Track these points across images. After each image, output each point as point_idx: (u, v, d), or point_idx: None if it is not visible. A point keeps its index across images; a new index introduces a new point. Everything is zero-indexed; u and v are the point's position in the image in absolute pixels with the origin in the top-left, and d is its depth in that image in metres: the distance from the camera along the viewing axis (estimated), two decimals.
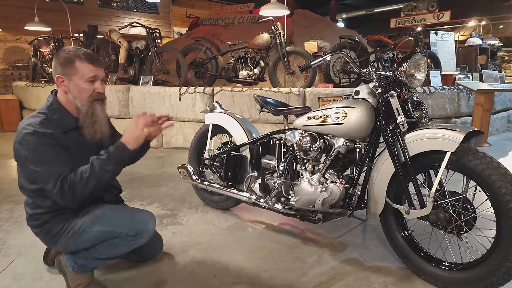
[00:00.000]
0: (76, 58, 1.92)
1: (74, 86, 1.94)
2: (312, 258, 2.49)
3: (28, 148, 1.82)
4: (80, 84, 1.93)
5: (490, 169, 1.88)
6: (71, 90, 1.95)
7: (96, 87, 1.98)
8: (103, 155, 1.87)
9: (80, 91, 1.95)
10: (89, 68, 1.93)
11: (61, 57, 1.93)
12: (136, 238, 2.01)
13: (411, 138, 2.13)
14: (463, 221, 2.03)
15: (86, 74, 1.93)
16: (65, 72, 1.92)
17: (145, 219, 2.09)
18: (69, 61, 1.91)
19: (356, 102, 2.35)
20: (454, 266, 2.11)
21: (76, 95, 1.96)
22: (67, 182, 1.80)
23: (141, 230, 2.02)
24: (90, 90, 1.96)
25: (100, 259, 2.09)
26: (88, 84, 1.95)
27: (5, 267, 2.38)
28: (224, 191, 3.03)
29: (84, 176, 1.82)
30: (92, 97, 1.98)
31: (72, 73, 1.92)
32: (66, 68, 1.92)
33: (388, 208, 2.28)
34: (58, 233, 1.99)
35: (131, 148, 1.90)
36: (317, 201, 2.46)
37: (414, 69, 2.24)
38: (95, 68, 1.96)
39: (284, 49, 5.85)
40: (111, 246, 2.02)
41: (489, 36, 11.41)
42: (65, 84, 1.94)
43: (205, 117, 3.34)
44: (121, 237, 1.99)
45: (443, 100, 6.22)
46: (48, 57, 8.55)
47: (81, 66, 1.92)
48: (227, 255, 2.55)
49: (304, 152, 2.56)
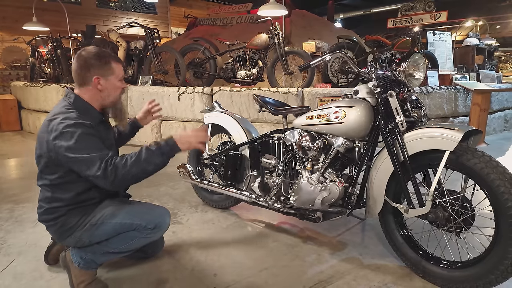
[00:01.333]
0: (111, 58, 2.09)
1: (111, 85, 2.11)
2: (311, 257, 2.51)
3: (72, 138, 1.88)
4: (115, 83, 2.13)
5: (488, 167, 1.90)
6: (107, 88, 2.11)
7: (123, 85, 2.22)
8: (153, 146, 1.96)
9: (116, 89, 2.15)
10: (120, 68, 2.15)
11: (95, 58, 2.05)
12: (153, 231, 2.10)
13: (410, 137, 2.14)
14: (461, 220, 2.04)
15: (120, 74, 2.15)
16: (102, 72, 2.07)
17: (163, 213, 2.19)
18: (105, 61, 2.07)
19: (355, 101, 2.37)
20: (453, 264, 2.12)
21: (111, 93, 2.13)
22: (111, 164, 1.87)
23: (159, 223, 2.12)
24: (121, 87, 2.18)
25: (110, 254, 2.11)
26: (120, 82, 2.17)
27: (6, 266, 2.38)
28: (223, 190, 3.05)
29: (129, 161, 1.89)
30: (121, 92, 2.22)
31: (108, 73, 2.09)
32: (103, 68, 2.07)
33: (387, 207, 2.30)
34: (73, 226, 2.03)
35: (181, 148, 2.02)
36: (317, 200, 2.47)
37: (413, 69, 2.26)
38: (121, 68, 2.18)
39: (283, 49, 5.86)
40: (126, 238, 2.07)
41: (486, 36, 11.45)
42: (101, 83, 2.08)
43: (205, 117, 3.35)
44: (139, 230, 2.06)
45: (440, 100, 6.25)
46: (46, 57, 8.54)
47: (115, 66, 2.11)
48: (227, 254, 2.57)
49: (303, 151, 2.57)
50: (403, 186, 2.19)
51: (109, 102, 2.15)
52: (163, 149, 1.96)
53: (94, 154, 1.88)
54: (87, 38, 8.04)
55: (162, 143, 1.98)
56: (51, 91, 7.25)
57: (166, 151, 1.97)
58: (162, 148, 1.96)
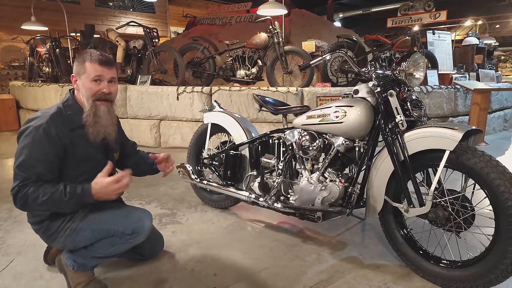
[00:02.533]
0: (87, 58, 2.01)
1: (82, 85, 2.02)
2: (311, 257, 2.50)
3: (22, 140, 1.91)
4: (86, 83, 2.01)
5: (488, 167, 1.89)
6: (80, 88, 2.04)
7: (101, 87, 2.02)
8: (69, 190, 1.87)
9: (86, 89, 2.01)
10: (94, 67, 2.00)
11: (77, 58, 2.05)
12: (132, 236, 2.03)
13: (410, 136, 2.14)
14: (461, 219, 2.04)
15: (91, 73, 2.00)
16: (77, 71, 2.03)
17: (141, 217, 2.11)
18: (81, 61, 2.02)
19: (355, 101, 2.36)
20: (453, 264, 2.12)
21: (83, 93, 2.03)
22: (21, 192, 1.84)
23: (137, 228, 2.04)
24: (94, 90, 2.01)
25: (99, 258, 2.09)
26: (93, 83, 2.01)
27: (5, 266, 2.38)
28: (223, 190, 3.04)
29: (40, 198, 1.83)
30: (96, 96, 2.02)
31: (81, 72, 2.02)
32: (78, 67, 2.03)
33: (387, 206, 2.30)
34: (56, 231, 2.01)
35: (96, 198, 1.90)
36: (317, 199, 2.47)
37: (413, 68, 2.26)
38: (101, 68, 2.01)
39: (282, 48, 5.86)
40: (109, 244, 2.03)
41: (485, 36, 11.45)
42: (78, 83, 2.05)
43: (204, 116, 3.34)
44: (118, 236, 2.01)
45: (440, 100, 6.25)
46: (44, 56, 8.53)
47: (88, 65, 2.00)
48: (227, 253, 2.56)
49: (303, 151, 2.57)
50: (403, 185, 2.18)
51: (86, 104, 2.02)
52: (77, 199, 1.87)
53: (20, 171, 1.86)
54: (86, 38, 8.03)
55: (78, 191, 1.87)
56: (49, 90, 7.24)
57: (78, 200, 1.88)
58: (76, 197, 1.87)
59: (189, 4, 18.09)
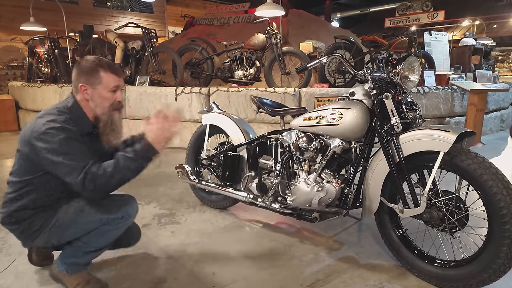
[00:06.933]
0: (100, 68, 1.99)
1: (98, 95, 2.01)
2: (308, 256, 2.54)
3: (54, 140, 1.84)
4: (103, 93, 2.01)
5: (481, 168, 1.93)
6: (94, 98, 2.01)
7: (117, 96, 2.06)
8: (129, 152, 1.90)
9: (103, 100, 2.02)
10: (112, 78, 2.01)
11: (85, 67, 2.00)
12: (123, 220, 2.04)
13: (405, 138, 2.18)
14: (455, 220, 2.08)
15: (110, 84, 2.01)
16: (89, 81, 1.99)
17: (127, 200, 2.12)
18: (94, 70, 1.98)
19: (352, 103, 2.40)
20: (447, 263, 2.16)
21: (98, 104, 2.02)
22: (89, 174, 1.82)
23: (126, 210, 2.05)
24: (111, 99, 2.04)
25: (91, 252, 2.08)
26: (111, 93, 2.03)
27: (7, 266, 2.41)
28: (222, 190, 3.07)
29: (107, 171, 1.85)
30: (113, 106, 2.06)
31: (96, 82, 1.99)
32: (91, 77, 1.99)
33: (383, 207, 2.34)
34: (39, 229, 1.97)
35: (158, 148, 1.94)
36: (314, 200, 2.51)
37: (408, 71, 2.29)
38: (118, 78, 2.05)
39: (280, 49, 5.89)
40: (99, 235, 2.02)
41: (482, 36, 11.51)
42: (88, 93, 2.01)
43: (203, 118, 3.38)
44: (109, 223, 2.00)
45: (437, 100, 6.29)
46: (43, 57, 8.54)
47: (105, 76, 1.99)
48: (225, 253, 2.60)
49: (300, 152, 2.61)
50: (398, 186, 2.22)
51: (99, 114, 2.04)
52: (142, 154, 1.91)
53: (74, 162, 1.83)
54: (84, 38, 8.04)
55: (137, 149, 1.91)
56: (48, 91, 7.26)
57: (145, 155, 1.91)
58: (141, 153, 1.90)
59: (187, 4, 18.13)
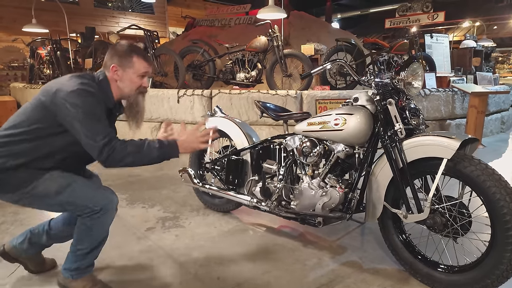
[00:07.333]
0: (134, 53, 2.11)
1: (127, 78, 2.12)
2: (312, 261, 2.56)
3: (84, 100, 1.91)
4: (132, 77, 2.12)
5: (485, 175, 1.95)
6: (123, 80, 2.12)
7: (143, 82, 2.18)
8: (156, 143, 2.01)
9: (131, 83, 2.13)
10: (143, 65, 2.13)
11: (120, 50, 2.11)
12: (101, 213, 2.03)
13: (409, 144, 2.20)
14: (459, 225, 2.10)
15: (140, 70, 2.13)
16: (122, 63, 2.10)
17: (108, 194, 2.11)
18: (128, 54, 2.10)
19: (355, 109, 2.42)
20: (450, 268, 2.18)
21: (126, 86, 2.14)
22: (110, 145, 1.91)
23: (105, 205, 2.04)
24: (138, 84, 2.16)
25: (86, 254, 2.09)
26: (139, 78, 2.14)
27: (13, 270, 2.42)
28: (226, 194, 3.09)
29: (127, 148, 1.94)
30: (139, 90, 2.19)
31: (128, 65, 2.10)
32: (124, 60, 2.10)
33: (386, 212, 2.36)
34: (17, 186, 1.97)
35: (181, 151, 2.06)
36: (317, 205, 2.53)
37: (412, 78, 2.31)
38: (148, 66, 2.17)
39: (281, 52, 5.91)
40: (86, 234, 2.05)
41: (483, 37, 11.52)
42: (118, 74, 2.11)
43: (206, 122, 3.39)
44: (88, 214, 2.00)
45: (438, 102, 6.31)
46: (45, 58, 8.57)
47: (137, 61, 2.11)
48: (230, 257, 2.62)
49: (304, 157, 2.63)
50: (401, 192, 2.24)
51: (124, 95, 2.17)
52: (164, 151, 2.01)
53: (101, 127, 1.93)
54: (86, 40, 8.08)
55: (165, 142, 2.03)
56: None
57: (166, 150, 2.02)
58: (164, 149, 2.01)
59: (188, 5, 18.16)
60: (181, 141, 2.07)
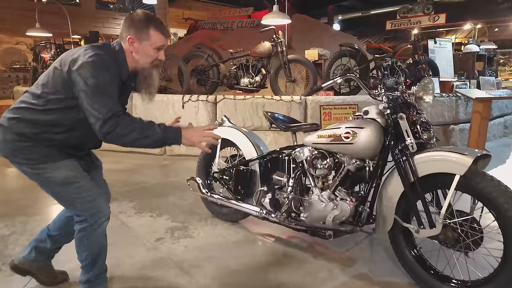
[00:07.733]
0: (152, 25, 2.05)
1: (143, 50, 2.08)
2: (322, 273, 2.57)
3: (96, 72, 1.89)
4: (149, 50, 2.09)
5: (497, 191, 1.97)
6: (139, 52, 2.09)
7: (159, 55, 2.14)
8: (161, 126, 2.00)
9: (146, 56, 2.10)
10: (160, 37, 2.09)
11: (137, 20, 2.05)
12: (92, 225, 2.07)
13: (420, 159, 2.21)
14: (470, 241, 2.11)
15: (156, 43, 2.08)
16: (138, 35, 2.05)
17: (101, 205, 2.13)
18: (145, 26, 2.05)
19: (366, 122, 2.43)
20: (463, 283, 2.19)
21: (141, 58, 2.10)
22: (116, 117, 1.88)
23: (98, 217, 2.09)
24: (154, 57, 2.12)
25: (91, 265, 2.14)
26: (155, 51, 2.10)
27: (26, 283, 2.43)
28: (235, 205, 3.10)
29: (131, 124, 1.92)
30: (154, 63, 2.15)
31: (145, 38, 2.06)
32: (141, 32, 2.05)
33: (397, 225, 2.36)
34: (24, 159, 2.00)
35: (181, 142, 2.04)
36: (328, 218, 2.54)
37: (423, 92, 2.33)
38: (165, 39, 2.13)
39: (286, 57, 5.93)
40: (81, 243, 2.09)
41: (485, 40, 11.54)
42: (135, 46, 2.07)
43: (214, 131, 3.39)
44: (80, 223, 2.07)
45: (441, 108, 6.33)
46: (49, 62, 8.57)
47: (154, 34, 2.06)
48: (240, 269, 2.63)
49: (314, 169, 2.64)
50: (413, 206, 2.25)
51: (139, 67, 2.13)
52: (167, 135, 1.99)
53: (108, 100, 1.90)
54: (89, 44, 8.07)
55: (170, 129, 2.01)
56: None
57: (169, 135, 2.00)
58: (168, 134, 1.99)
59: (189, 7, 18.13)
60: (185, 131, 2.05)
